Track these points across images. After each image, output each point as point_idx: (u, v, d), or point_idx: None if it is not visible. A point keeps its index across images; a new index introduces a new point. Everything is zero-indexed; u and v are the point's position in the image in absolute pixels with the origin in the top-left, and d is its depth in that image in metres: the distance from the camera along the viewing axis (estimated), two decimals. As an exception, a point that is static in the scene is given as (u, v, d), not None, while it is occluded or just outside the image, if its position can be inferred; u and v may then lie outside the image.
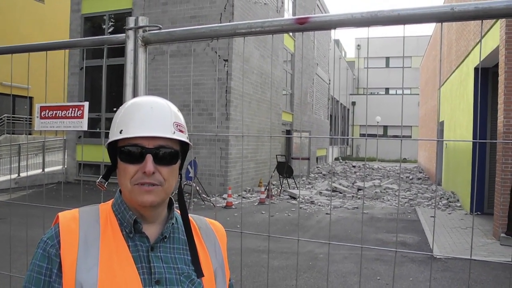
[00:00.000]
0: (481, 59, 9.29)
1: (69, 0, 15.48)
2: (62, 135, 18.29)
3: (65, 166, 15.35)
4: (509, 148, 7.37)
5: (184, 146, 1.14)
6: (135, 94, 1.59)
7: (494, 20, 8.28)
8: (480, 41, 2.19)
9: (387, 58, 43.57)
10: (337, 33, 38.82)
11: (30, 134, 22.57)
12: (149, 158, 1.05)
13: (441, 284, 5.31)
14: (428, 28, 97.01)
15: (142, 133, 1.04)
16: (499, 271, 5.74)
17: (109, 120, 14.63)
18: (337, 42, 36.59)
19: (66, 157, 15.40)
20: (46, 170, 14.62)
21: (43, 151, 14.71)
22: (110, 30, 15.02)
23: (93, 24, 15.40)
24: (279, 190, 13.75)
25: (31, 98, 23.83)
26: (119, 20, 14.98)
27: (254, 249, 6.63)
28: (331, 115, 31.20)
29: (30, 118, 23.36)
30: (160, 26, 1.59)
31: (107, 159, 1.15)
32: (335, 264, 5.98)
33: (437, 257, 6.36)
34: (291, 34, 19.31)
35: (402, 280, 5.44)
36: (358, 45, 44.73)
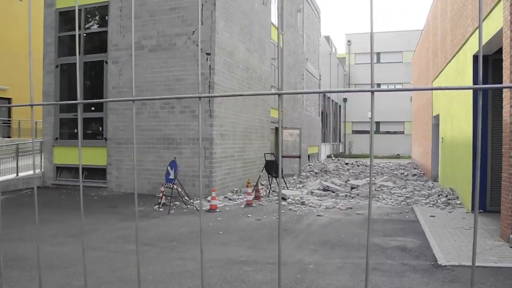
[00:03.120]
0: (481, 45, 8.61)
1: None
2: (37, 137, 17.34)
3: (42, 170, 14.46)
4: (516, 140, 6.67)
5: None
6: None
7: (496, 1, 7.58)
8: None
9: (378, 54, 43.00)
10: (326, 30, 38.05)
11: (9, 137, 21.60)
12: None
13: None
14: (419, 23, 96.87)
15: None
16: (514, 280, 5.02)
17: (87, 121, 13.80)
18: (327, 38, 35.87)
19: (42, 160, 14.50)
20: (21, 174, 13.71)
21: (17, 155, 13.79)
22: (87, 25, 14.16)
23: (69, 18, 14.48)
24: (268, 191, 12.98)
25: (9, 99, 22.85)
26: (95, 15, 14.14)
27: (235, 260, 5.85)
28: (322, 112, 30.50)
29: (8, 121, 22.38)
30: None
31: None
32: (327, 277, 5.20)
33: (442, 264, 5.62)
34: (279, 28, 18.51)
35: (404, 294, 4.70)
36: (349, 41, 44.09)
